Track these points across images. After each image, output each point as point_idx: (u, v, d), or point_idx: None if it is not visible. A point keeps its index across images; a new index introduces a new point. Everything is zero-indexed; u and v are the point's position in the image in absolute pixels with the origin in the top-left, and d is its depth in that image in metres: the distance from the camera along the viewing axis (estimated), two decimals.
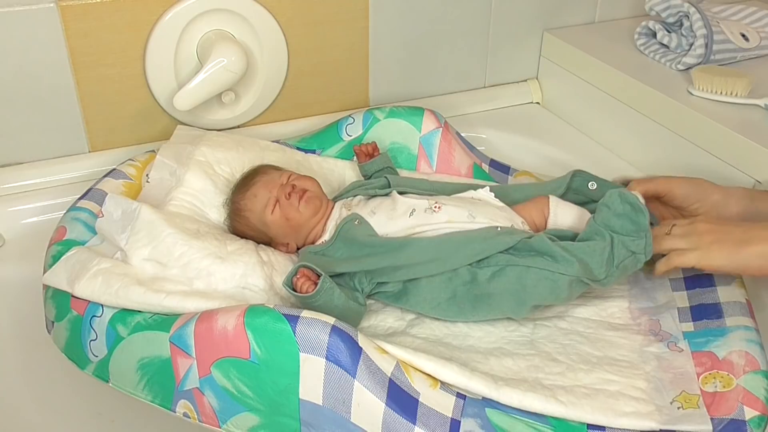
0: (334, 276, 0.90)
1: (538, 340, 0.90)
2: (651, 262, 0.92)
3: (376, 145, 1.13)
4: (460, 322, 0.92)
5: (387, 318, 0.93)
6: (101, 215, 0.92)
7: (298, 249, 1.02)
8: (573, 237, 0.93)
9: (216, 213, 1.02)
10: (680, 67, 1.25)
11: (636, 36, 1.36)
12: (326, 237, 0.99)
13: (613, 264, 0.89)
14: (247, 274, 0.91)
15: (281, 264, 0.97)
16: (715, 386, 0.80)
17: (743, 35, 1.28)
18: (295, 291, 0.85)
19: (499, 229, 0.92)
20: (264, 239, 1.01)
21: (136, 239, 0.89)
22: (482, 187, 1.02)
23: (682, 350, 0.86)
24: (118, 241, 0.90)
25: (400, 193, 1.01)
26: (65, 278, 0.86)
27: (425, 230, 0.93)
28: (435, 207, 0.95)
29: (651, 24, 1.33)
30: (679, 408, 0.79)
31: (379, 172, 1.11)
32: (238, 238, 0.99)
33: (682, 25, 1.29)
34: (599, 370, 0.84)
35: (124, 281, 0.85)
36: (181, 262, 0.89)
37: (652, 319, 0.92)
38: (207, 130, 1.15)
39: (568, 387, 0.81)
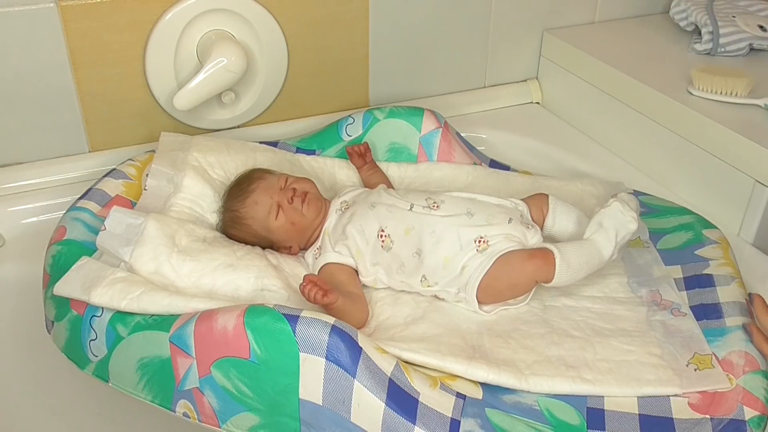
0: None
1: (551, 318, 0.92)
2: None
3: (368, 146, 1.13)
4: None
5: (404, 308, 0.94)
6: (104, 229, 0.91)
7: (300, 250, 1.02)
8: None
9: (216, 218, 1.02)
10: (692, 52, 1.34)
11: (674, 2, 1.41)
12: (319, 243, 0.99)
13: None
14: (262, 276, 0.91)
15: (290, 265, 0.98)
16: None
17: (761, 27, 1.33)
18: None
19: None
20: (265, 244, 1.00)
21: (141, 252, 0.89)
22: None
23: (686, 314, 0.89)
24: (122, 254, 0.89)
25: None
26: (79, 286, 0.85)
27: (422, 228, 0.93)
28: (433, 204, 0.95)
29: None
30: (695, 370, 0.82)
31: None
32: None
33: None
34: (615, 341, 0.87)
35: (147, 286, 0.84)
36: (191, 279, 0.89)
37: (651, 290, 0.95)
38: (191, 136, 1.13)
39: (590, 362, 0.84)
